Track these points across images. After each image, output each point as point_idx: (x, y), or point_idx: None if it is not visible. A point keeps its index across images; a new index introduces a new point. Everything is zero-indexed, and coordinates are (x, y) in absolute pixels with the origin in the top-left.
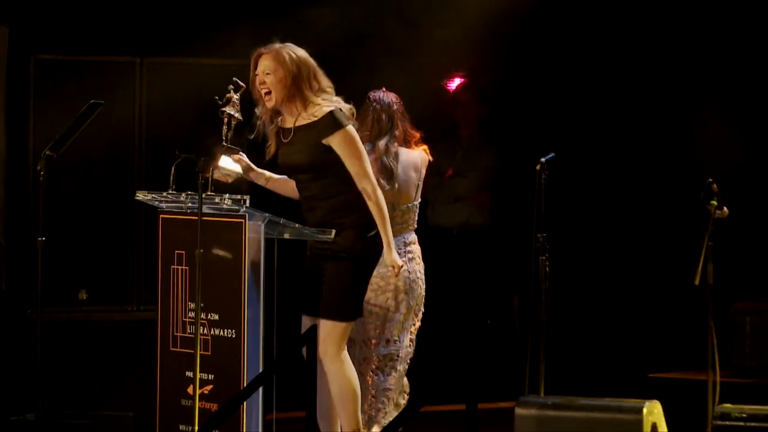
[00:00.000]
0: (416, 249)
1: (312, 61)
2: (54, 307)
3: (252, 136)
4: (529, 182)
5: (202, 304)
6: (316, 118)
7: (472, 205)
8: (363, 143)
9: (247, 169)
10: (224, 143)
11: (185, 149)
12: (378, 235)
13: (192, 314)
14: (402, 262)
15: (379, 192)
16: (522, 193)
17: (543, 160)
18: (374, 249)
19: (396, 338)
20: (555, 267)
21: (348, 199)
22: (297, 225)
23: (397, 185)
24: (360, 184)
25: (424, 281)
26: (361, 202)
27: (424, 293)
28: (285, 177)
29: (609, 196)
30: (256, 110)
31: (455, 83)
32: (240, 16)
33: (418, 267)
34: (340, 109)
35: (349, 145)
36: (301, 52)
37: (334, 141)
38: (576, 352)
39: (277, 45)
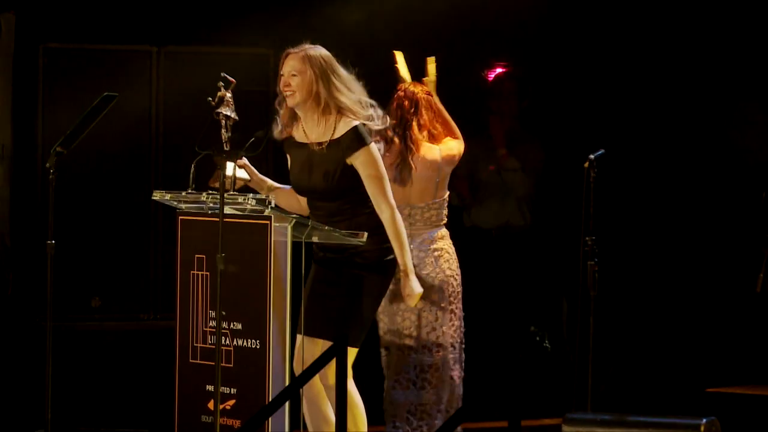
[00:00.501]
0: (445, 245)
1: (339, 66)
2: (64, 315)
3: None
4: (573, 181)
5: (223, 313)
6: (339, 134)
7: (514, 205)
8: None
9: (251, 175)
10: (225, 148)
11: (206, 145)
12: (396, 259)
13: (213, 323)
14: (420, 289)
15: (398, 216)
16: (564, 192)
17: (592, 157)
18: (392, 271)
19: (437, 345)
20: (604, 272)
21: (365, 222)
22: (326, 227)
23: (411, 182)
24: (378, 205)
25: (458, 278)
26: (379, 225)
27: (460, 291)
28: (289, 187)
29: (662, 196)
30: (276, 116)
31: (495, 74)
32: (263, 1)
33: (447, 264)
34: (364, 124)
35: (370, 164)
36: (329, 56)
37: (357, 160)
38: (627, 365)
39: (307, 46)
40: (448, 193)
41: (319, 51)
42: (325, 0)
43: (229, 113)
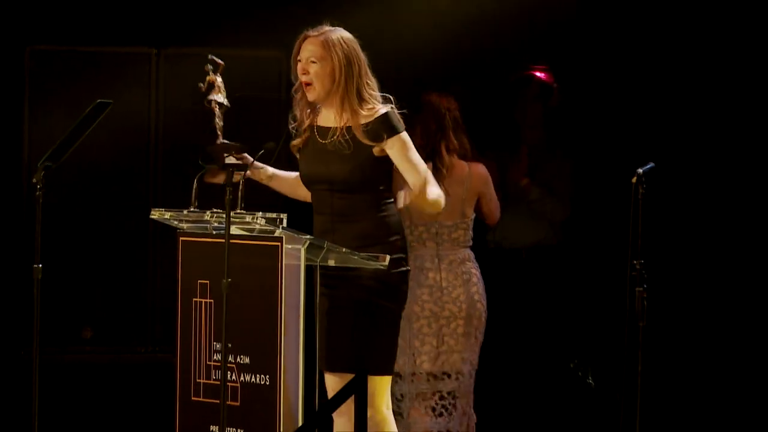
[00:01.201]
0: (472, 268)
1: (361, 51)
2: (53, 346)
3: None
4: (613, 196)
5: (229, 345)
6: (366, 120)
7: (546, 223)
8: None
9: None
10: (221, 138)
11: (210, 158)
12: (407, 271)
13: (218, 357)
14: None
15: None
16: (605, 208)
17: (640, 171)
18: (404, 287)
19: (456, 371)
20: (653, 299)
21: (378, 225)
22: (344, 249)
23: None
24: (418, 182)
25: (484, 303)
26: (393, 230)
27: (485, 317)
28: (291, 174)
29: (717, 214)
30: (293, 105)
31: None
32: (268, 1)
33: (476, 288)
34: (394, 110)
35: (405, 150)
36: (353, 40)
37: (390, 145)
38: (679, 409)
39: (327, 28)
40: (474, 214)
41: (341, 33)
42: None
43: (221, 99)
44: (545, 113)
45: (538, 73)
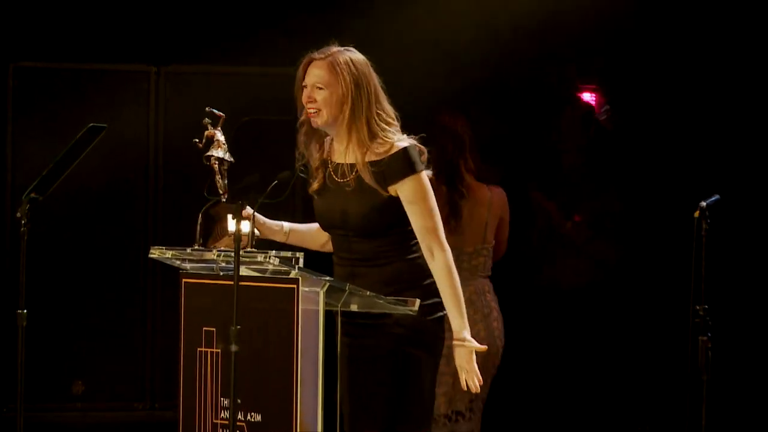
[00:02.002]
0: (492, 301)
1: (374, 75)
2: (39, 403)
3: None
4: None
5: (239, 401)
6: (381, 156)
7: (600, 263)
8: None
9: (259, 227)
10: (223, 198)
11: (216, 189)
12: (443, 317)
13: (225, 414)
14: (474, 365)
15: (453, 264)
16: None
17: (704, 204)
18: (441, 335)
19: (469, 408)
20: (718, 350)
21: (409, 268)
22: (368, 293)
23: (460, 226)
24: (428, 249)
25: (503, 339)
26: (427, 272)
27: (502, 352)
28: (311, 226)
29: None
30: (298, 141)
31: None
32: (278, 15)
33: (497, 323)
34: (415, 146)
35: (419, 195)
36: (364, 63)
37: (404, 188)
38: None
39: (335, 49)
40: (494, 241)
41: (351, 55)
42: (360, 11)
43: (221, 155)
44: (589, 138)
45: (585, 93)
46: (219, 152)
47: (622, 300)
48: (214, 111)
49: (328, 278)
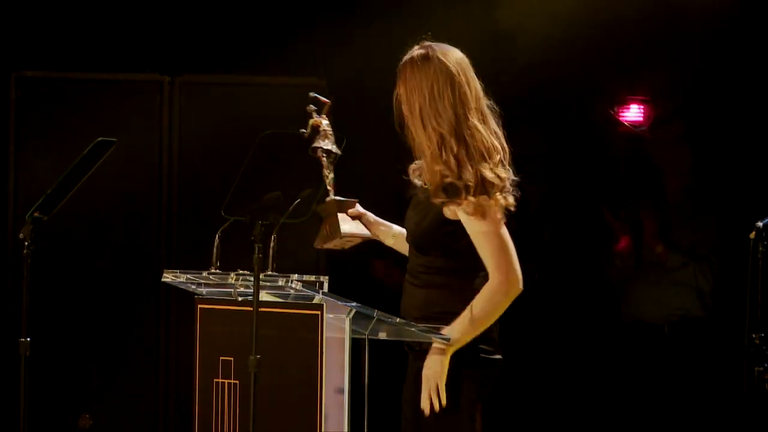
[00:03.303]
0: None
1: (463, 80)
2: None
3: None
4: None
5: None
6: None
7: (692, 293)
8: None
9: (368, 225)
10: (333, 194)
11: (235, 209)
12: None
13: None
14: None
15: (504, 295)
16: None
17: (760, 224)
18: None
19: None
20: None
21: (438, 295)
22: (398, 319)
23: None
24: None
25: None
26: (459, 306)
27: None
28: None
29: None
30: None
31: (632, 112)
32: (299, 22)
33: None
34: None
35: (477, 218)
36: (456, 61)
37: (460, 211)
38: None
39: (418, 51)
40: None
41: (436, 50)
42: (387, 20)
43: (329, 147)
44: (696, 158)
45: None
46: (326, 143)
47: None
48: (319, 97)
49: (354, 304)
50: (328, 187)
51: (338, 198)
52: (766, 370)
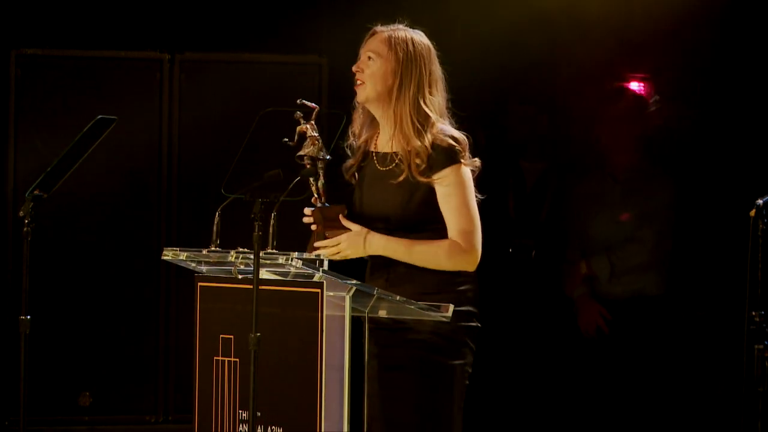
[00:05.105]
0: None
1: (436, 62)
2: (43, 415)
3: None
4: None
5: (258, 414)
6: (425, 145)
7: (645, 270)
8: None
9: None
10: (323, 201)
11: (235, 186)
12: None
13: (244, 428)
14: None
15: (469, 260)
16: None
17: (760, 202)
18: (472, 341)
19: None
20: None
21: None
22: (398, 297)
23: None
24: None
25: None
26: (463, 277)
27: None
28: None
29: None
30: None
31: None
32: None
33: None
34: (461, 138)
35: (456, 188)
36: (426, 47)
37: (442, 180)
38: None
39: (400, 26)
40: None
41: (412, 34)
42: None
43: (317, 154)
44: (640, 135)
45: (632, 84)
46: (312, 151)
47: (671, 306)
48: (306, 102)
49: (354, 282)
50: (315, 194)
51: (324, 206)
52: (766, 348)
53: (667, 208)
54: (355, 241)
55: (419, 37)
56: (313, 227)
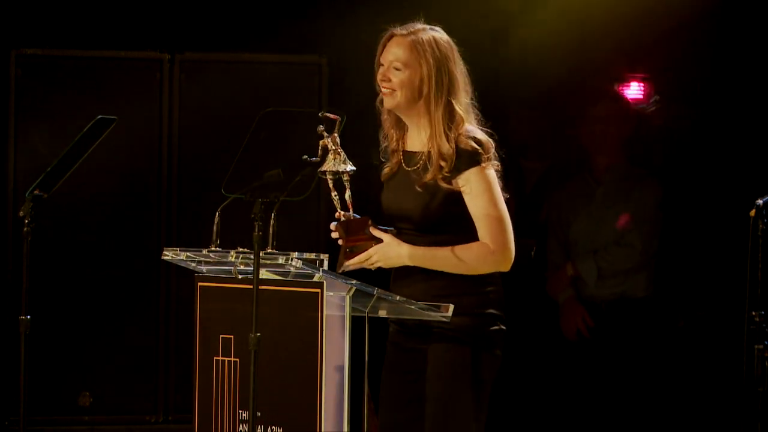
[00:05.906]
0: None
1: (460, 60)
2: (44, 415)
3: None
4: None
5: (258, 414)
6: (451, 146)
7: (632, 272)
8: None
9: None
10: (348, 214)
11: (235, 186)
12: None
13: (244, 428)
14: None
15: (503, 258)
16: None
17: (760, 202)
18: (499, 348)
19: None
20: None
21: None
22: (398, 297)
23: None
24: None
25: None
26: (487, 279)
27: None
28: None
29: None
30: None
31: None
32: None
33: None
34: (487, 139)
35: (482, 189)
36: (449, 45)
37: (467, 181)
38: None
39: (419, 27)
40: None
41: (434, 34)
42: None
43: (341, 168)
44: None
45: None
46: (336, 165)
47: (671, 306)
48: (329, 114)
49: (355, 282)
50: (338, 208)
51: (351, 218)
52: (766, 348)
53: (653, 210)
54: (385, 253)
55: (440, 35)
56: (340, 242)
